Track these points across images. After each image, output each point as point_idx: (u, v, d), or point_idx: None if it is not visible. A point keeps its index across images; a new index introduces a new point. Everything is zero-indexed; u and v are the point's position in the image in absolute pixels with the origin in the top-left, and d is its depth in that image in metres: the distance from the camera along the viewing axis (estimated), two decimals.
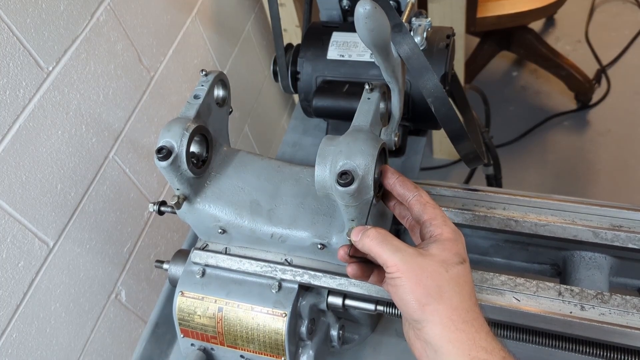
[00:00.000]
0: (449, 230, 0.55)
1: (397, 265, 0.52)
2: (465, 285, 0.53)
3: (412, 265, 0.52)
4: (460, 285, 0.52)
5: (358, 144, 0.58)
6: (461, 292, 0.52)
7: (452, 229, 0.56)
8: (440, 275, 0.52)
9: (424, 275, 0.52)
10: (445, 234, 0.55)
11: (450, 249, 0.54)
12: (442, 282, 0.52)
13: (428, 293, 0.51)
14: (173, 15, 1.17)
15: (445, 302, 0.51)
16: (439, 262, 0.52)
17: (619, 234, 0.71)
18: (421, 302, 0.51)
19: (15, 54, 0.79)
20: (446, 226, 0.56)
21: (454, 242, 0.55)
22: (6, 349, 0.83)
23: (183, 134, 0.65)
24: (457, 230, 0.56)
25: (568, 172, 1.93)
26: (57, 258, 0.90)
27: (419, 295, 0.51)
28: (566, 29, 2.35)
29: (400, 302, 0.53)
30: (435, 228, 0.56)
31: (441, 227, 0.55)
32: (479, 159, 0.70)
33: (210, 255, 0.74)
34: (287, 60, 0.94)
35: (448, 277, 0.52)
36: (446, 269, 0.52)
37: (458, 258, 0.54)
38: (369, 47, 0.55)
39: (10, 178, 0.81)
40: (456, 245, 0.55)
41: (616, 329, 0.63)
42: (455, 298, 0.51)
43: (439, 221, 0.56)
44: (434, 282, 0.51)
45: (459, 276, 0.53)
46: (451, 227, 0.56)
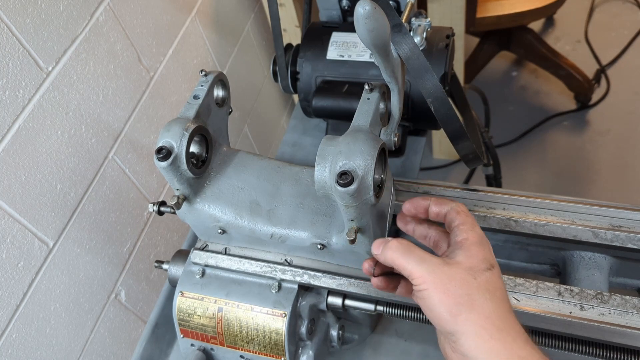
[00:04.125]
0: (474, 235, 0.54)
1: (423, 276, 0.51)
2: (496, 291, 0.51)
3: (439, 274, 0.50)
4: (491, 291, 0.50)
5: (358, 144, 0.58)
6: (493, 299, 0.50)
7: (479, 233, 0.54)
8: (469, 283, 0.50)
9: (452, 284, 0.50)
10: (471, 239, 0.53)
11: (476, 255, 0.52)
12: (472, 289, 0.50)
13: (458, 302, 0.49)
14: (173, 15, 1.17)
15: (477, 310, 0.49)
16: (466, 269, 0.51)
17: (619, 234, 0.71)
18: (452, 313, 0.49)
19: (14, 54, 0.79)
20: (472, 231, 0.54)
21: (480, 246, 0.53)
22: (6, 349, 0.83)
23: (183, 134, 0.65)
24: (483, 235, 0.55)
25: (568, 172, 1.93)
26: (57, 258, 0.90)
27: (449, 305, 0.49)
28: (566, 29, 2.35)
29: (431, 314, 0.51)
30: (461, 233, 0.54)
31: (467, 232, 0.54)
32: (478, 159, 0.70)
33: (210, 256, 0.74)
34: (286, 60, 0.94)
35: (477, 285, 0.50)
36: (474, 276, 0.51)
37: (486, 264, 0.52)
38: (369, 48, 0.55)
39: (10, 178, 0.81)
40: (482, 250, 0.53)
41: (616, 329, 0.63)
42: (487, 305, 0.49)
43: (467, 226, 0.55)
44: (464, 291, 0.50)
45: (489, 282, 0.51)
46: (478, 232, 0.55)
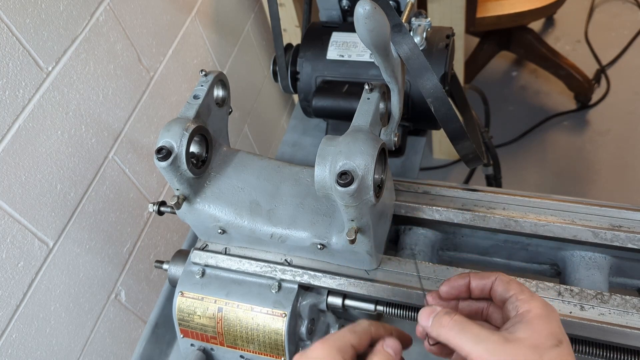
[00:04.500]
0: (538, 306, 0.48)
1: (482, 357, 0.46)
2: None
3: (500, 355, 0.45)
4: None
5: (358, 144, 0.58)
6: None
7: (542, 303, 0.49)
8: None
9: None
10: (535, 310, 0.48)
11: (541, 330, 0.46)
12: None
13: None
14: (172, 15, 1.17)
15: None
16: (530, 347, 0.45)
17: (619, 234, 0.71)
18: None
19: (14, 54, 0.79)
20: (534, 301, 0.49)
21: (546, 319, 0.47)
22: (6, 349, 0.83)
23: (183, 134, 0.65)
24: (548, 304, 0.49)
25: (568, 172, 1.93)
26: (57, 258, 0.90)
27: None
28: (566, 29, 2.35)
29: None
30: (521, 304, 0.49)
31: (528, 303, 0.48)
32: (478, 159, 0.70)
33: (210, 256, 0.74)
34: (286, 60, 0.94)
35: None
36: (540, 355, 0.45)
37: (553, 340, 0.46)
38: (369, 48, 0.55)
39: (10, 178, 0.81)
40: (549, 324, 0.47)
41: (616, 329, 0.63)
42: None
43: (526, 296, 0.49)
44: None
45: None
46: (541, 301, 0.49)
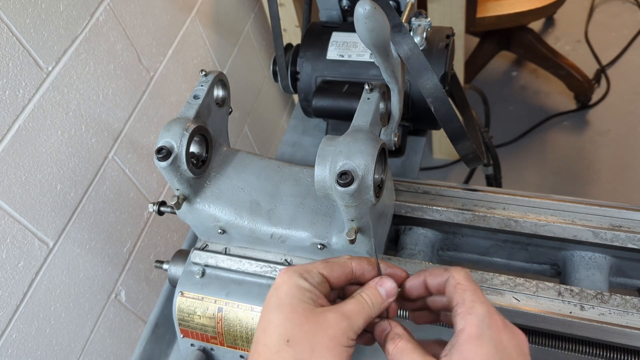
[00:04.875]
0: (472, 324, 0.43)
1: None
2: None
3: None
4: None
5: (358, 144, 0.58)
6: None
7: (478, 320, 0.43)
8: None
9: None
10: (467, 330, 0.43)
11: (472, 357, 0.42)
12: None
13: None
14: (173, 15, 1.17)
15: None
16: None
17: (619, 234, 0.71)
18: None
19: (14, 54, 0.79)
20: (470, 316, 0.43)
21: (477, 342, 0.42)
22: (6, 349, 0.83)
23: (183, 134, 0.65)
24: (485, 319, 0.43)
25: (568, 172, 1.93)
26: (57, 258, 0.90)
27: None
28: (566, 29, 2.35)
29: None
30: (460, 319, 0.44)
31: (465, 318, 0.44)
32: (478, 159, 0.70)
33: (210, 256, 0.74)
34: (286, 60, 0.94)
35: None
36: None
37: None
38: (369, 47, 0.55)
39: (10, 178, 0.81)
40: (480, 349, 0.42)
41: (616, 329, 0.63)
42: None
43: (466, 307, 0.44)
44: None
45: None
46: (476, 317, 0.43)
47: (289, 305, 0.45)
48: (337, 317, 0.45)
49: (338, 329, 0.44)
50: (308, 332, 0.43)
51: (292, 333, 0.43)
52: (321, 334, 0.43)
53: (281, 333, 0.44)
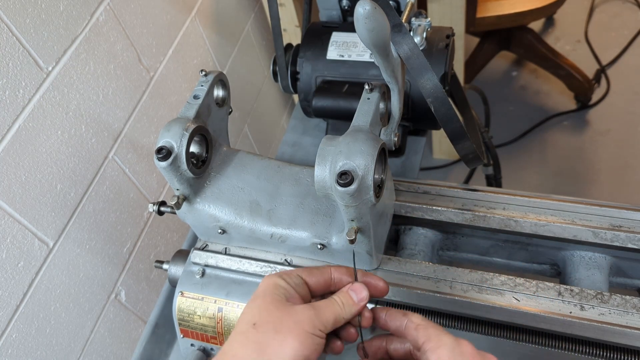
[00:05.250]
0: (444, 354, 0.46)
1: None
2: None
3: None
4: None
5: (358, 144, 0.58)
6: None
7: (449, 350, 0.46)
8: None
9: None
10: None
11: None
12: None
13: None
14: (172, 15, 1.17)
15: None
16: None
17: (619, 234, 0.71)
18: None
19: (14, 54, 0.79)
20: (441, 348, 0.46)
21: None
22: (6, 349, 0.83)
23: (183, 134, 0.65)
24: (456, 349, 0.46)
25: (568, 172, 1.93)
26: (57, 258, 0.90)
27: None
28: (566, 29, 2.35)
29: None
30: (430, 354, 0.47)
31: (435, 352, 0.47)
32: (478, 159, 0.70)
33: (210, 256, 0.74)
34: (286, 60, 0.94)
35: None
36: None
37: None
38: (369, 47, 0.55)
39: (10, 178, 0.81)
40: None
41: (616, 329, 0.63)
42: None
43: (433, 343, 0.47)
44: None
45: None
46: (447, 347, 0.46)
47: (261, 298, 0.49)
48: (304, 307, 0.48)
49: (303, 316, 0.47)
50: (274, 317, 0.47)
51: (259, 317, 0.47)
52: (286, 319, 0.46)
53: (249, 318, 0.47)
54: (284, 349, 0.45)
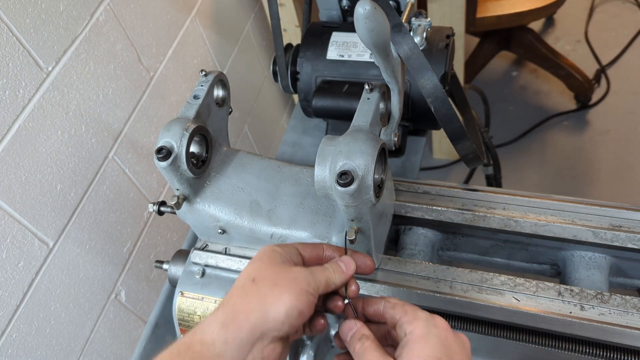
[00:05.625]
0: (419, 326, 0.49)
1: None
2: None
3: None
4: None
5: (358, 144, 0.58)
6: None
7: (424, 322, 0.49)
8: None
9: None
10: (416, 332, 0.48)
11: (419, 354, 0.47)
12: None
13: None
14: (173, 15, 1.17)
15: None
16: None
17: (619, 234, 0.71)
18: None
19: (14, 54, 0.79)
20: (416, 320, 0.49)
21: (424, 340, 0.48)
22: (6, 349, 0.83)
23: (183, 134, 0.65)
24: (430, 320, 0.49)
25: (568, 172, 1.93)
26: (57, 258, 0.90)
27: None
28: (566, 29, 2.35)
29: None
30: (406, 325, 0.49)
31: (412, 324, 0.49)
32: (478, 159, 0.70)
33: (210, 256, 0.74)
34: (286, 60, 0.94)
35: None
36: None
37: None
38: (369, 47, 0.55)
39: (10, 178, 0.81)
40: (427, 345, 0.47)
41: (616, 329, 0.63)
42: None
43: (409, 316, 0.50)
44: None
45: None
46: (422, 320, 0.49)
47: (259, 260, 0.52)
48: (300, 268, 0.52)
49: (300, 275, 0.51)
50: (272, 274, 0.50)
51: (258, 274, 0.51)
52: (283, 276, 0.50)
53: (248, 275, 0.51)
54: (281, 301, 0.48)
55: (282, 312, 0.48)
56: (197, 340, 0.48)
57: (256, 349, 0.48)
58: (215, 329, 0.48)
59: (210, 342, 0.47)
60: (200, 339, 0.48)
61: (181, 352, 0.47)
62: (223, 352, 0.47)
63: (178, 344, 0.48)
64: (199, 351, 0.47)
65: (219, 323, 0.48)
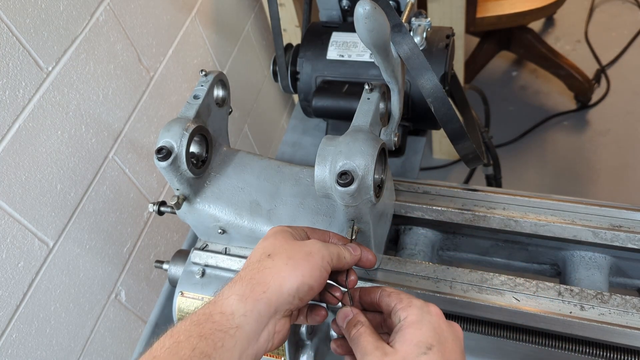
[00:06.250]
0: (412, 312, 0.50)
1: None
2: None
3: None
4: None
5: (358, 144, 0.58)
6: None
7: (417, 309, 0.50)
8: None
9: None
10: (409, 318, 0.50)
11: (411, 339, 0.48)
12: None
13: None
14: (173, 15, 1.17)
15: None
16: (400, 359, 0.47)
17: (619, 233, 0.71)
18: None
19: (14, 54, 0.79)
20: (410, 307, 0.51)
21: (417, 326, 0.49)
22: (6, 349, 0.83)
23: (183, 134, 0.65)
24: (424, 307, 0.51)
25: (568, 172, 1.93)
26: (57, 258, 0.90)
27: None
28: (566, 29, 2.35)
29: None
30: (401, 312, 0.51)
31: (406, 310, 0.51)
32: (478, 159, 0.70)
33: (210, 256, 0.74)
34: (286, 60, 0.94)
35: None
36: None
37: (420, 348, 0.47)
38: (369, 47, 0.55)
39: (10, 178, 0.81)
40: (419, 330, 0.49)
41: (616, 329, 0.63)
42: None
43: (404, 303, 0.51)
44: None
45: None
46: (416, 307, 0.51)
47: (272, 237, 0.54)
48: (314, 241, 0.54)
49: (314, 247, 0.52)
50: (288, 248, 0.52)
51: (273, 249, 0.53)
52: (299, 249, 0.52)
53: (263, 251, 0.53)
54: (294, 275, 0.50)
55: (294, 287, 0.49)
56: (217, 310, 0.49)
57: (271, 324, 0.50)
58: (234, 301, 0.49)
59: (229, 313, 0.48)
60: (220, 309, 0.49)
61: (201, 322, 0.48)
62: (242, 324, 0.48)
63: (197, 314, 0.49)
64: (219, 321, 0.48)
65: (238, 295, 0.49)
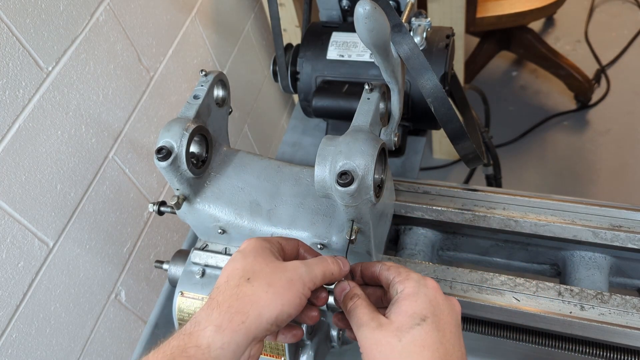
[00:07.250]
0: (409, 285, 0.51)
1: (360, 342, 0.50)
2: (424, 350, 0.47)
3: (370, 341, 0.48)
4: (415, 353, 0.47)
5: (358, 144, 0.58)
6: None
7: (414, 282, 0.51)
8: (392, 347, 0.47)
9: (378, 350, 0.48)
10: (406, 290, 0.51)
11: (406, 310, 0.49)
12: (394, 355, 0.47)
13: None
14: (173, 15, 1.17)
15: None
16: (393, 331, 0.48)
17: (619, 233, 0.71)
18: None
19: (14, 54, 0.79)
20: (408, 280, 0.51)
21: (413, 298, 0.50)
22: (6, 349, 0.83)
23: (183, 134, 0.65)
24: (421, 281, 0.51)
25: (568, 172, 1.93)
26: (57, 258, 0.90)
27: None
28: (566, 29, 2.35)
29: None
30: (399, 285, 0.52)
31: (403, 283, 0.51)
32: (478, 159, 0.70)
33: (210, 256, 0.74)
34: (286, 60, 0.94)
35: (401, 348, 0.47)
36: (399, 338, 0.47)
37: (415, 319, 0.48)
38: (369, 47, 0.55)
39: (10, 178, 0.81)
40: (415, 302, 0.49)
41: (616, 329, 0.63)
42: None
43: (402, 277, 0.52)
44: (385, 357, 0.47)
45: (415, 342, 0.47)
46: (413, 280, 0.51)
47: (252, 256, 0.52)
48: (296, 263, 0.52)
49: (295, 274, 0.51)
50: (267, 272, 0.51)
51: (253, 273, 0.51)
52: (280, 275, 0.50)
53: (243, 274, 0.51)
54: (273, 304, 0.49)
55: (272, 316, 0.49)
56: (193, 344, 0.47)
57: (247, 352, 0.49)
58: (210, 333, 0.47)
59: (205, 346, 0.47)
60: (196, 343, 0.47)
61: (175, 356, 0.46)
62: (219, 357, 0.47)
63: (171, 346, 0.47)
64: (194, 355, 0.46)
65: (214, 327, 0.48)
